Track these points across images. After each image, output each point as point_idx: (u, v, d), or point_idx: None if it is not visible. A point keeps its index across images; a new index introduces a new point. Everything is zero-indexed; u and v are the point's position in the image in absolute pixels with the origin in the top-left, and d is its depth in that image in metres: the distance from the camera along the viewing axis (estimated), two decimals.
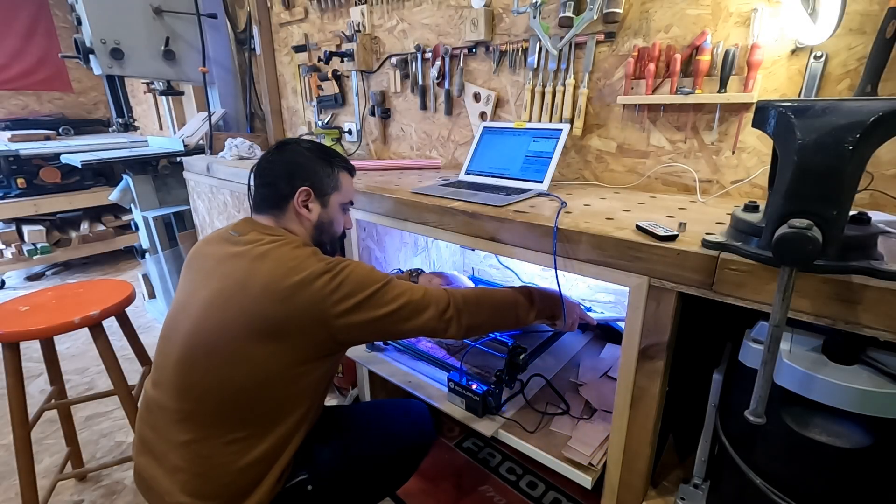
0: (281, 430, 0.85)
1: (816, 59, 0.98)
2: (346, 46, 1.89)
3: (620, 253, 0.82)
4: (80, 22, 1.98)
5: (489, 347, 1.29)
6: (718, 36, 1.09)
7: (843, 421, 0.66)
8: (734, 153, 1.13)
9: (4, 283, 3.18)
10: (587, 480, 0.98)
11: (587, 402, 1.17)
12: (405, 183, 1.37)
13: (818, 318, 0.64)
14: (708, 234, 0.76)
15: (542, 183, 1.20)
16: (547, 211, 1.00)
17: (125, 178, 2.37)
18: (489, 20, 1.46)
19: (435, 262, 1.80)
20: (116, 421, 1.79)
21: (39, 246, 3.12)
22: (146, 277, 2.74)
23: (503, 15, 1.45)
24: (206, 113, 2.34)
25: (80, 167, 2.25)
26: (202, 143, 2.32)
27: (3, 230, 3.08)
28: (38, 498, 1.26)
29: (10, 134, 3.15)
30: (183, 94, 2.81)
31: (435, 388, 1.23)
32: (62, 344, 2.37)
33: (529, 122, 1.44)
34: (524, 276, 1.69)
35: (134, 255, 3.44)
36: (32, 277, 3.35)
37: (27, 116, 3.86)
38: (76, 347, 2.36)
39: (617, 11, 1.19)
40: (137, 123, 3.97)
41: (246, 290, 0.81)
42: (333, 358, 0.92)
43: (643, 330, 0.83)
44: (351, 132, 2.09)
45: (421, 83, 1.73)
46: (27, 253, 3.09)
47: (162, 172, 2.41)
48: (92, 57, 2.01)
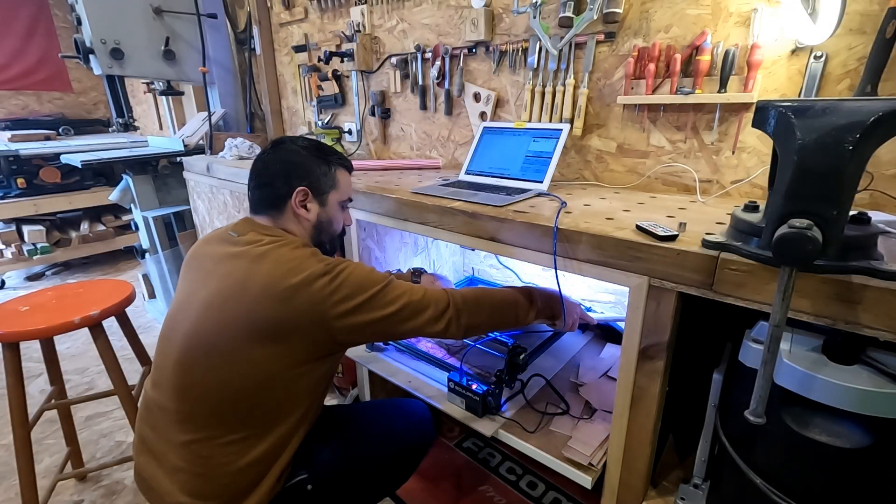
0: (280, 430, 0.85)
1: (816, 59, 0.98)
2: (346, 46, 1.89)
3: (620, 253, 0.82)
4: (80, 22, 1.98)
5: (489, 347, 1.29)
6: (718, 36, 1.09)
7: (843, 421, 0.66)
8: (734, 153, 1.13)
9: (4, 283, 3.18)
10: (587, 480, 0.98)
11: (587, 402, 1.17)
12: (405, 183, 1.37)
13: (818, 318, 0.64)
14: (708, 234, 0.76)
15: (542, 183, 1.20)
16: (547, 211, 1.00)
17: (125, 178, 2.37)
18: (489, 20, 1.46)
19: (435, 262, 1.80)
20: (116, 421, 1.79)
21: (39, 246, 3.12)
22: (146, 277, 2.74)
23: (503, 15, 1.45)
24: (206, 113, 2.34)
25: (80, 167, 2.25)
26: (202, 143, 2.32)
27: (3, 230, 3.08)
28: (38, 498, 1.26)
29: (10, 134, 3.16)
30: (183, 94, 2.81)
31: (435, 388, 1.23)
32: (62, 344, 2.37)
33: (529, 122, 1.44)
34: (524, 276, 1.69)
35: (134, 255, 3.45)
36: (32, 277, 3.35)
37: (27, 116, 3.86)
38: (76, 347, 2.36)
39: (617, 11, 1.19)
40: (137, 123, 3.97)
41: (245, 291, 0.81)
42: (333, 358, 0.92)
43: (643, 330, 0.83)
44: (351, 132, 2.09)
45: (421, 83, 1.73)
46: (27, 253, 3.09)
47: (162, 172, 2.41)
48: (92, 57, 2.01)
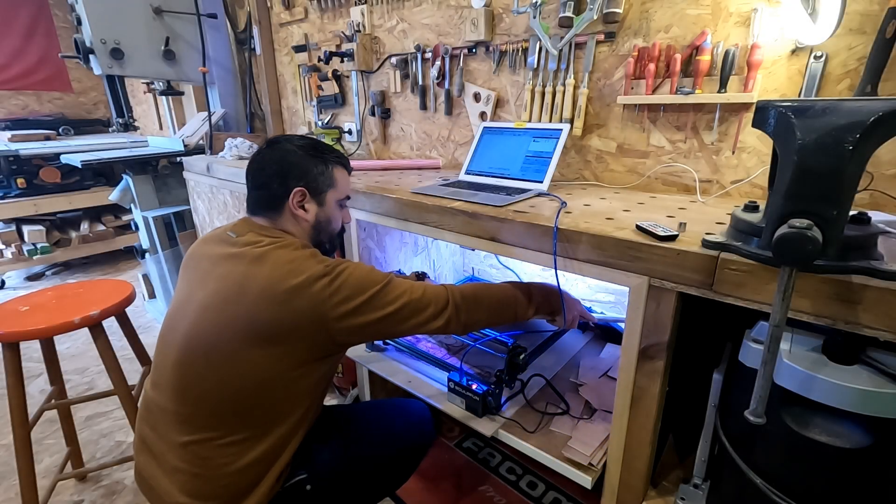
0: (280, 430, 0.85)
1: (816, 59, 0.98)
2: (346, 46, 1.89)
3: (620, 253, 0.82)
4: (80, 22, 1.98)
5: (489, 347, 1.29)
6: (718, 36, 1.09)
7: (843, 421, 0.66)
8: (734, 153, 1.13)
9: (4, 283, 3.18)
10: (587, 480, 0.98)
11: (587, 402, 1.17)
12: (405, 183, 1.37)
13: (818, 318, 0.64)
14: (708, 234, 0.76)
15: (542, 183, 1.20)
16: (547, 211, 1.00)
17: (125, 178, 2.37)
18: (489, 20, 1.46)
19: (435, 262, 1.80)
20: (116, 421, 1.79)
21: (39, 246, 3.12)
22: (146, 277, 2.74)
23: (503, 15, 1.45)
24: (206, 113, 2.34)
25: (80, 167, 2.25)
26: (202, 143, 2.32)
27: (3, 230, 3.08)
28: (38, 498, 1.26)
29: (10, 134, 3.16)
30: (183, 94, 2.81)
31: (435, 387, 1.23)
32: (62, 344, 2.37)
33: (529, 122, 1.44)
34: (524, 276, 1.69)
35: (134, 255, 3.45)
36: (32, 277, 3.35)
37: (27, 116, 3.86)
38: (76, 347, 2.36)
39: (617, 11, 1.19)
40: (137, 123, 3.97)
41: (244, 293, 0.81)
42: (333, 359, 0.92)
43: (643, 330, 0.83)
44: (351, 132, 2.09)
45: (421, 83, 1.73)
46: (27, 253, 3.09)
47: (162, 172, 2.41)
48: (92, 57, 2.01)
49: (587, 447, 1.02)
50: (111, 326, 1.29)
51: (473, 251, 1.86)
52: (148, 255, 2.43)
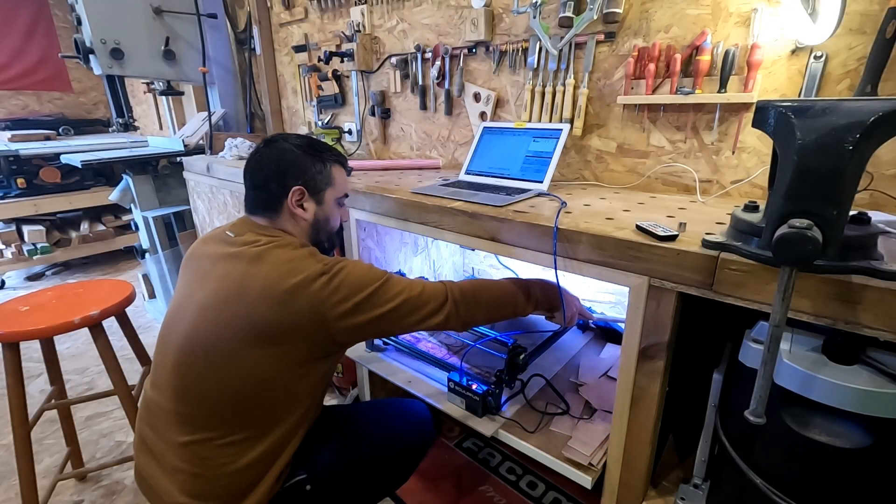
0: (280, 430, 0.85)
1: (816, 59, 0.98)
2: (346, 46, 1.89)
3: (620, 253, 0.82)
4: (80, 22, 1.98)
5: (489, 347, 1.29)
6: (718, 36, 1.09)
7: (843, 421, 0.66)
8: (734, 153, 1.13)
9: (4, 283, 3.18)
10: (587, 480, 0.98)
11: (587, 402, 1.17)
12: (405, 183, 1.37)
13: (818, 318, 0.64)
14: (708, 234, 0.76)
15: (542, 183, 1.20)
16: (547, 211, 1.00)
17: (125, 178, 2.37)
18: (489, 20, 1.46)
19: (435, 262, 1.80)
20: (116, 421, 1.79)
21: (39, 246, 3.12)
22: (146, 277, 2.74)
23: (503, 15, 1.45)
24: (206, 113, 2.34)
25: (80, 167, 2.25)
26: (202, 143, 2.32)
27: (3, 230, 3.08)
28: (38, 498, 1.26)
29: (10, 134, 3.16)
30: (183, 94, 2.81)
31: (435, 387, 1.23)
32: (62, 344, 2.37)
33: (529, 122, 1.44)
34: (524, 276, 1.69)
35: (134, 255, 3.45)
36: (32, 277, 3.35)
37: (27, 116, 3.86)
38: (76, 347, 2.36)
39: (617, 11, 1.19)
40: (137, 123, 3.97)
41: (243, 293, 0.81)
42: (333, 358, 0.92)
43: (643, 330, 0.83)
44: (351, 132, 2.09)
45: (421, 83, 1.73)
46: (27, 253, 3.09)
47: (162, 172, 2.41)
48: (92, 57, 2.01)
49: (587, 447, 1.02)
50: (111, 326, 1.29)
51: (473, 251, 1.86)
52: (148, 255, 2.43)
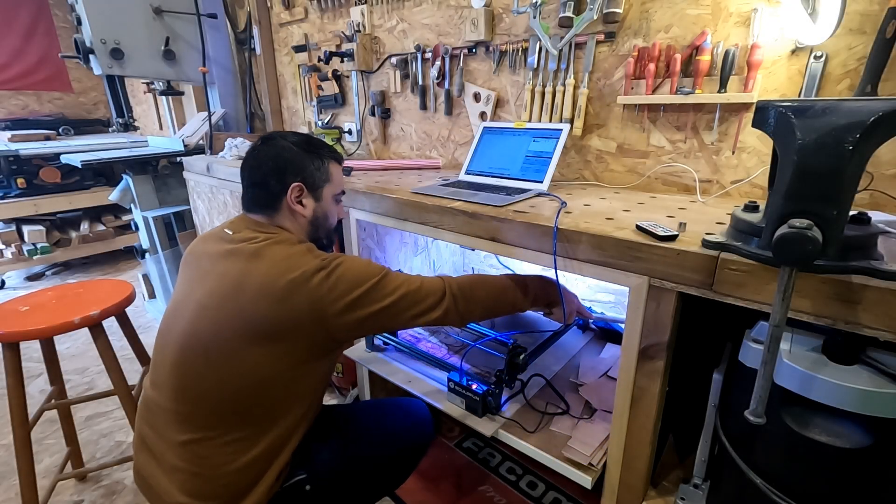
0: (279, 429, 0.85)
1: (816, 59, 0.98)
2: (346, 46, 1.89)
3: (620, 253, 0.82)
4: (80, 22, 1.98)
5: (489, 347, 1.29)
6: (718, 36, 1.09)
7: (843, 421, 0.66)
8: (734, 153, 1.13)
9: (4, 283, 3.18)
10: (587, 480, 0.98)
11: (587, 402, 1.17)
12: (405, 183, 1.37)
13: (818, 318, 0.64)
14: (708, 234, 0.76)
15: (542, 183, 1.20)
16: (547, 211, 1.00)
17: (125, 178, 2.37)
18: (489, 20, 1.46)
19: (435, 262, 1.80)
20: (116, 421, 1.79)
21: (39, 246, 3.12)
22: (146, 277, 2.74)
23: (503, 15, 1.45)
24: (206, 113, 2.34)
25: (80, 167, 2.25)
26: (202, 143, 2.32)
27: (3, 230, 3.08)
28: (38, 498, 1.26)
29: (10, 134, 3.16)
30: (183, 94, 2.81)
31: (435, 387, 1.23)
32: (62, 344, 2.37)
33: (529, 122, 1.44)
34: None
35: (134, 255, 3.45)
36: (32, 277, 3.35)
37: (27, 116, 3.86)
38: (76, 347, 2.36)
39: (617, 11, 1.19)
40: (137, 123, 3.97)
41: (241, 290, 0.81)
42: (332, 356, 0.92)
43: (643, 330, 0.83)
44: (351, 132, 2.09)
45: (421, 83, 1.73)
46: (27, 253, 3.09)
47: (162, 172, 2.41)
48: (92, 57, 2.01)
49: (587, 447, 1.02)
50: (111, 326, 1.29)
51: (473, 251, 1.86)
52: (148, 255, 2.43)
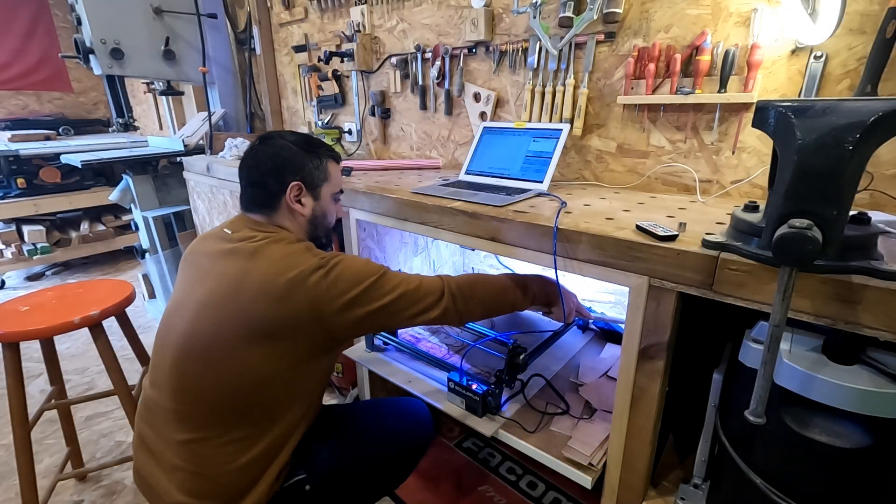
0: (279, 429, 0.85)
1: (816, 59, 0.98)
2: (346, 46, 1.89)
3: (620, 253, 0.82)
4: (80, 22, 1.98)
5: (489, 347, 1.29)
6: (718, 36, 1.09)
7: (843, 421, 0.66)
8: (734, 153, 1.13)
9: (4, 283, 3.18)
10: (587, 480, 0.98)
11: (587, 402, 1.17)
12: (405, 183, 1.37)
13: (818, 318, 0.64)
14: (708, 234, 0.76)
15: (542, 183, 1.20)
16: (547, 211, 1.00)
17: (125, 178, 2.37)
18: (489, 20, 1.46)
19: (435, 262, 1.80)
20: (116, 421, 1.79)
21: (39, 246, 3.12)
22: (146, 277, 2.74)
23: (503, 15, 1.45)
24: (206, 113, 2.34)
25: (80, 167, 2.25)
26: (202, 143, 2.32)
27: (3, 230, 3.08)
28: (38, 498, 1.26)
29: (10, 134, 3.16)
30: (183, 94, 2.81)
31: (435, 387, 1.23)
32: (62, 344, 2.37)
33: (529, 122, 1.44)
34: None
35: (134, 255, 3.45)
36: (32, 277, 3.35)
37: (27, 116, 3.86)
38: (76, 347, 2.36)
39: (617, 11, 1.19)
40: (137, 123, 3.97)
41: (241, 289, 0.81)
42: (331, 355, 0.92)
43: (643, 330, 0.83)
44: (351, 132, 2.09)
45: (421, 83, 1.73)
46: (27, 253, 3.09)
47: (162, 172, 2.42)
48: (92, 57, 2.01)
49: (587, 447, 1.02)
50: (111, 326, 1.29)
51: (473, 251, 1.86)
52: (148, 255, 2.43)
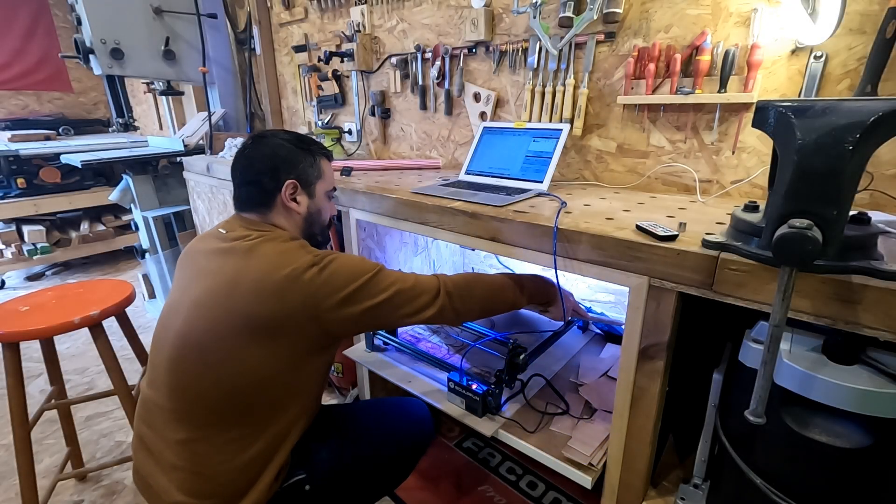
0: (277, 427, 0.85)
1: (816, 59, 0.98)
2: (346, 46, 1.89)
3: (620, 253, 0.82)
4: (80, 22, 1.98)
5: (489, 347, 1.29)
6: (718, 36, 1.09)
7: (843, 421, 0.66)
8: (734, 153, 1.13)
9: (4, 283, 3.18)
10: (587, 480, 0.98)
11: (587, 402, 1.17)
12: (405, 183, 1.37)
13: (818, 318, 0.64)
14: (708, 234, 0.76)
15: (542, 183, 1.20)
16: (547, 211, 1.00)
17: (125, 178, 2.37)
18: (489, 20, 1.46)
19: (435, 262, 1.80)
20: (116, 421, 1.79)
21: (39, 246, 3.12)
22: (146, 277, 2.74)
23: (503, 15, 1.45)
24: (206, 113, 2.34)
25: (80, 167, 2.25)
26: (202, 143, 2.32)
27: (3, 230, 3.08)
28: (38, 498, 1.26)
29: (10, 134, 3.15)
30: (183, 94, 2.81)
31: (435, 387, 1.23)
32: (62, 344, 2.37)
33: (529, 122, 1.44)
34: None
35: (134, 255, 3.45)
36: (32, 277, 3.35)
37: (27, 116, 3.86)
38: (76, 347, 2.36)
39: (617, 11, 1.19)
40: (137, 123, 3.97)
41: (236, 288, 0.81)
42: (328, 352, 0.92)
43: (643, 330, 0.83)
44: (351, 132, 2.09)
45: (421, 83, 1.73)
46: (27, 253, 3.09)
47: (162, 172, 2.42)
48: (92, 57, 2.01)
49: (587, 447, 1.02)
50: (111, 326, 1.29)
51: (473, 251, 1.86)
52: (148, 255, 2.43)
